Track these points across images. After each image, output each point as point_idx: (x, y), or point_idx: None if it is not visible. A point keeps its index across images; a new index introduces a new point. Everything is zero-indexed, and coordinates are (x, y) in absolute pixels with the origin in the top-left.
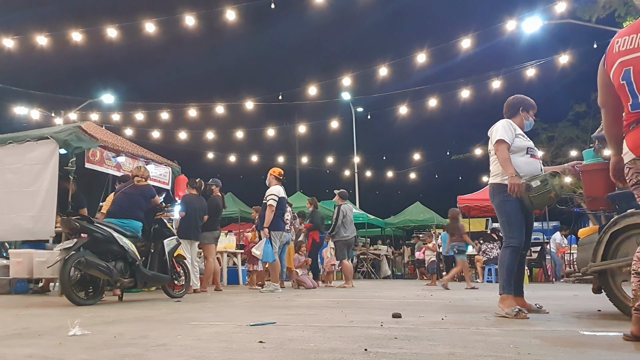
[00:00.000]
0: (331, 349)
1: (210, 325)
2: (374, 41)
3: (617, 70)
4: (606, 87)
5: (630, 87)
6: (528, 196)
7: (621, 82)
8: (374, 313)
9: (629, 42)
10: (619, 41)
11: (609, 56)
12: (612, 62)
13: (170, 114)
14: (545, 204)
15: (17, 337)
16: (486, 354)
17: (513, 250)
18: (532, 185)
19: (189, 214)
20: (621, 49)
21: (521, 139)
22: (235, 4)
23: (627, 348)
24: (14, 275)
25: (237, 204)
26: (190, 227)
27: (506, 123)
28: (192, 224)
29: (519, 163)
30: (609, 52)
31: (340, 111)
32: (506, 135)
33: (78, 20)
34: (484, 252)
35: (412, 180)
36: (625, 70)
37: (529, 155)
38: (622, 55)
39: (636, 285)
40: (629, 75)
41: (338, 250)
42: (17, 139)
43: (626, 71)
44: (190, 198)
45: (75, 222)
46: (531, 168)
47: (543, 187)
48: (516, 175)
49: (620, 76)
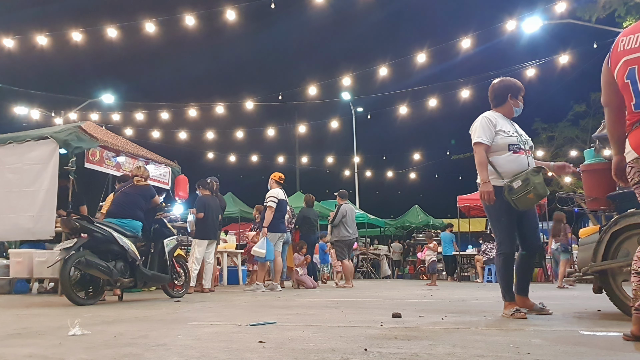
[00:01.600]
0: (331, 349)
1: (210, 325)
2: (374, 41)
3: (621, 69)
4: (610, 85)
5: (634, 87)
6: (511, 198)
7: (625, 80)
8: (374, 313)
9: (634, 40)
10: (624, 40)
11: (613, 55)
12: (617, 60)
13: (170, 113)
14: (530, 205)
15: (17, 337)
16: (486, 354)
17: (504, 258)
18: (513, 186)
19: (207, 215)
20: (626, 48)
21: (502, 136)
22: (235, 4)
23: (627, 348)
24: (14, 275)
25: (237, 204)
26: (208, 227)
27: (485, 121)
28: (210, 224)
29: (501, 162)
30: (613, 51)
31: (340, 111)
32: (484, 136)
33: (78, 20)
34: (484, 252)
35: (412, 180)
36: (630, 69)
37: (511, 152)
38: (627, 54)
39: (636, 285)
40: (633, 74)
41: (338, 250)
42: (17, 138)
43: (630, 70)
44: (206, 199)
45: (75, 222)
46: (515, 166)
47: (524, 188)
48: (487, 182)
49: (624, 75)
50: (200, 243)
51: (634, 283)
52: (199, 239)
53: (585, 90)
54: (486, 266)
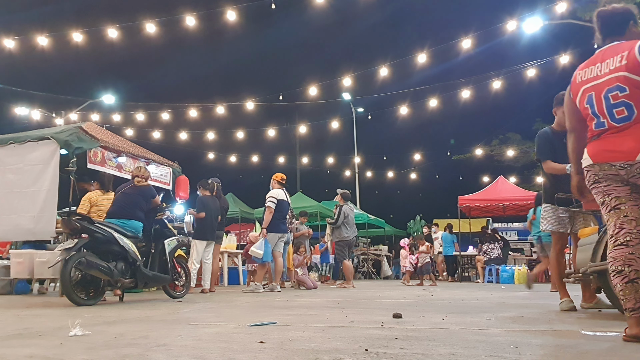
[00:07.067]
0: (332, 349)
1: (210, 325)
2: (375, 41)
3: (582, 97)
4: (574, 113)
5: (592, 109)
6: None
7: (585, 105)
8: (374, 313)
9: (589, 72)
10: (581, 73)
11: (573, 86)
12: (577, 90)
13: (170, 114)
14: None
15: (18, 338)
16: (487, 354)
17: None
18: None
19: (206, 215)
20: (583, 79)
21: None
22: (236, 4)
23: (627, 348)
24: (15, 276)
25: (238, 204)
26: (207, 228)
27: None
28: (209, 225)
29: None
30: (573, 83)
31: (340, 111)
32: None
33: (79, 21)
34: (485, 252)
35: (413, 180)
36: (588, 95)
37: None
38: (585, 83)
39: (622, 285)
40: (591, 99)
41: (339, 251)
42: (18, 139)
43: (589, 96)
44: (207, 199)
45: (76, 223)
46: None
47: None
48: None
49: (584, 101)
50: (199, 243)
51: (618, 284)
52: (198, 239)
53: None
54: (487, 266)
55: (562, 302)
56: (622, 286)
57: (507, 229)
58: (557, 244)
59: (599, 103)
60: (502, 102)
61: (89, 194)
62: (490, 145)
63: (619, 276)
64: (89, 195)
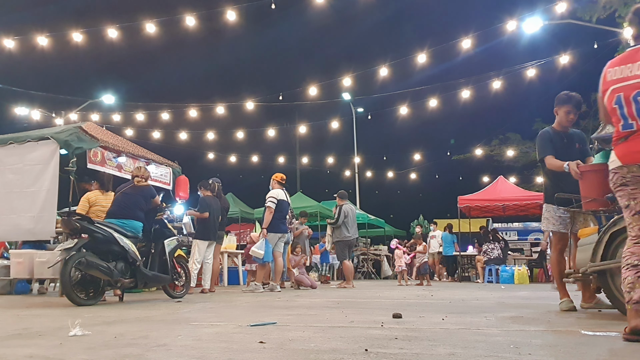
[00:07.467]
0: (332, 349)
1: (210, 325)
2: (374, 41)
3: (610, 96)
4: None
5: (621, 111)
6: None
7: (613, 105)
8: (374, 313)
9: (619, 72)
10: (611, 71)
11: (603, 83)
12: (606, 88)
13: (170, 114)
14: None
15: (18, 338)
16: (487, 354)
17: None
18: None
19: (209, 215)
20: (613, 78)
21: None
22: (236, 4)
23: (627, 348)
24: (15, 276)
25: (238, 204)
26: (209, 228)
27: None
28: (211, 225)
29: None
30: (603, 79)
31: (340, 111)
32: None
33: (79, 21)
34: (485, 252)
35: (413, 180)
36: (617, 95)
37: None
38: (614, 83)
39: (633, 277)
40: (620, 100)
41: (339, 250)
42: (18, 139)
43: (618, 97)
44: (209, 199)
45: (75, 223)
46: None
47: None
48: None
49: (613, 101)
50: (201, 244)
51: (630, 276)
52: (199, 239)
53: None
54: (487, 266)
55: (562, 302)
56: (633, 278)
57: (507, 229)
58: (557, 244)
59: (628, 105)
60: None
61: (88, 194)
62: (490, 145)
63: (633, 269)
64: (88, 196)
